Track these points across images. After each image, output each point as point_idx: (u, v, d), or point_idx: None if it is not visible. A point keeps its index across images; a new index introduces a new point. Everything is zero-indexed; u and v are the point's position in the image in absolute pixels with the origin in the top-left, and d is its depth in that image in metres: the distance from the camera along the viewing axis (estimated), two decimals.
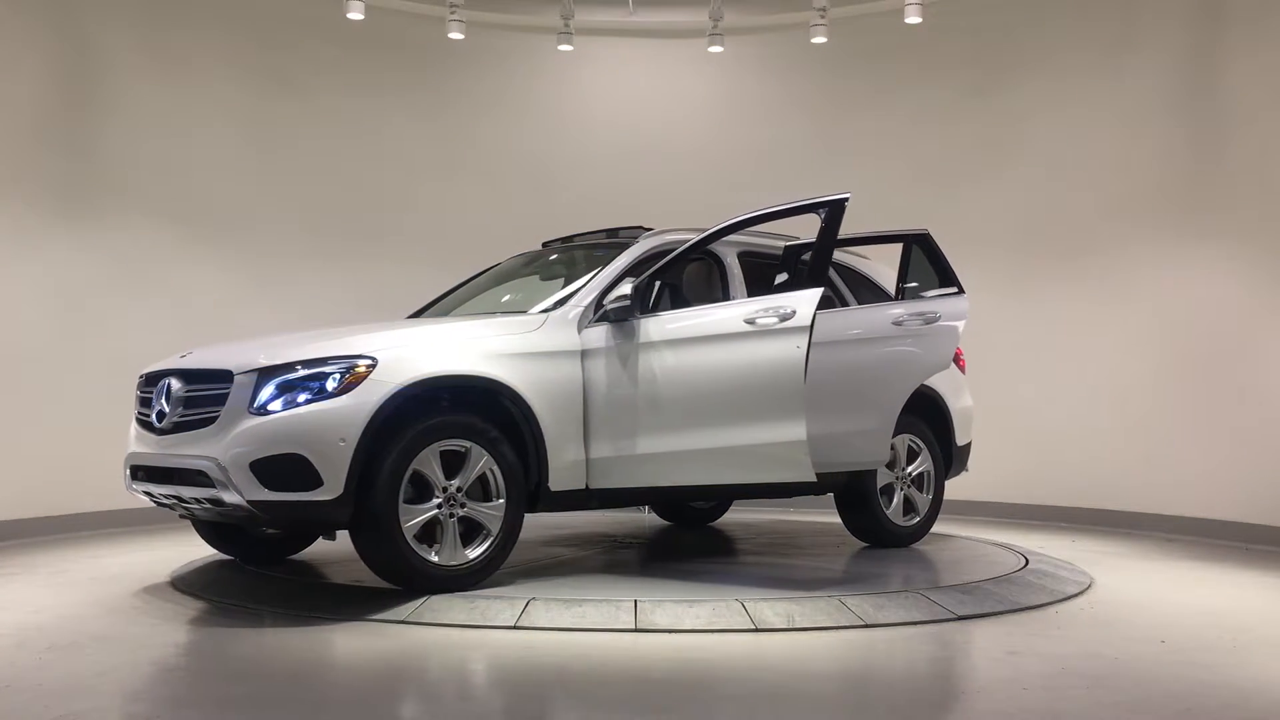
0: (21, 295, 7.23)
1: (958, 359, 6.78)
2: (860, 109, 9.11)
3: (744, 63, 9.35)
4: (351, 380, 4.55)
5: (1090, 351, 8.14)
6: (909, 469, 6.45)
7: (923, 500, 6.53)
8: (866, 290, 6.49)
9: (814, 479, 4.91)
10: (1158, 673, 3.89)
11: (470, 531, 4.86)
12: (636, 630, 4.39)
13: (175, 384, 4.89)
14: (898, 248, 6.31)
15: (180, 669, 3.95)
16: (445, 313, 6.09)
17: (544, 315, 5.21)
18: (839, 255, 6.48)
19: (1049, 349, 8.28)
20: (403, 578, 4.72)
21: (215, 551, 6.02)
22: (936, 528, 6.80)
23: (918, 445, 6.48)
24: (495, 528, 4.86)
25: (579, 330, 5.17)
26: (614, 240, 5.91)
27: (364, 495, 4.54)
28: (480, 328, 5.14)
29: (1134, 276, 7.96)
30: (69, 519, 7.31)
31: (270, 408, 4.55)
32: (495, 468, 4.85)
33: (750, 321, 5.01)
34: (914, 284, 6.18)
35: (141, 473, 5.03)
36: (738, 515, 8.02)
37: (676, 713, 3.44)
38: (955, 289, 6.12)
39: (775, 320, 4.95)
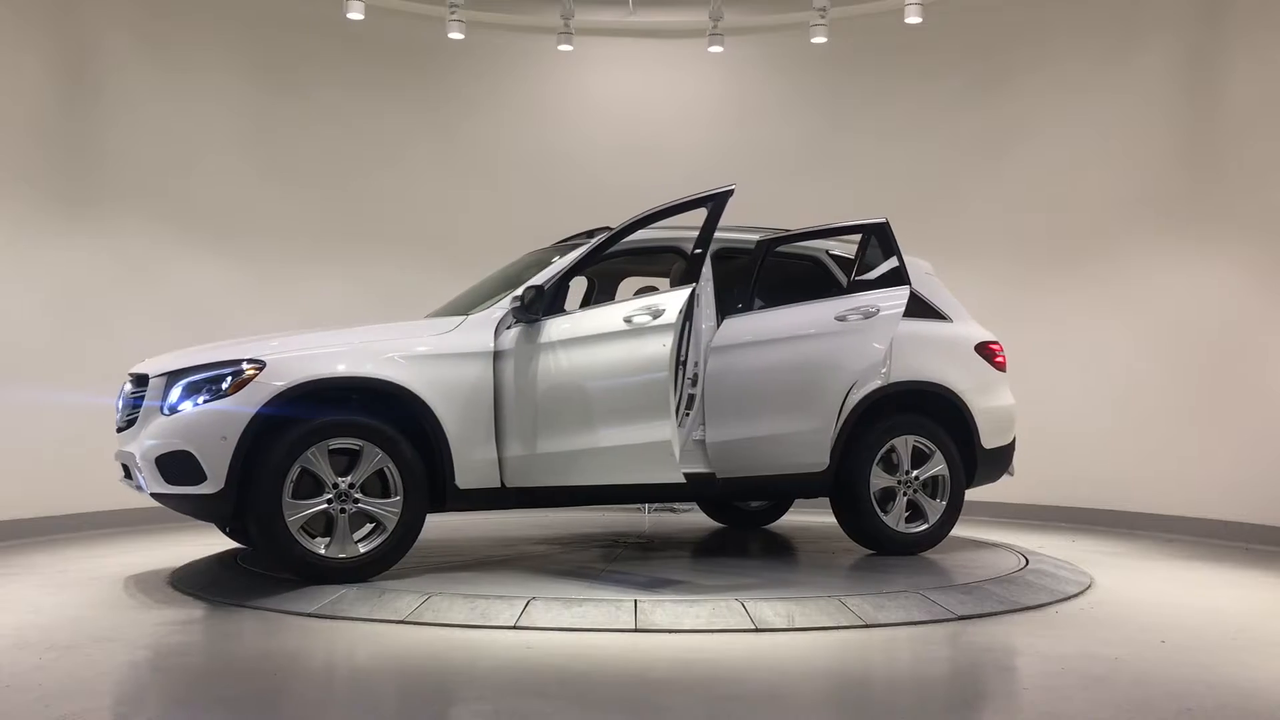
0: (21, 295, 7.23)
1: (994, 357, 6.42)
2: (860, 109, 9.11)
3: (744, 63, 9.35)
4: (240, 383, 4.88)
5: (1090, 351, 8.14)
6: (915, 472, 6.06)
7: (933, 506, 6.11)
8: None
9: (681, 480, 4.89)
10: (1158, 673, 3.89)
11: (378, 526, 5.08)
12: (636, 630, 4.39)
13: (127, 387, 5.36)
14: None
15: (180, 669, 3.95)
16: (456, 311, 6.12)
17: (462, 318, 5.36)
18: (843, 249, 6.38)
19: (1049, 349, 8.28)
20: (290, 567, 4.98)
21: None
22: None
23: (927, 447, 6.08)
24: (391, 523, 5.05)
25: (498, 332, 5.27)
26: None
27: (247, 490, 4.83)
28: (394, 331, 5.33)
29: (1135, 277, 7.95)
30: (69, 519, 7.31)
31: (180, 408, 4.94)
32: (392, 465, 5.02)
33: (628, 320, 5.04)
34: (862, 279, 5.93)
35: (122, 469, 5.38)
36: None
37: (676, 713, 3.45)
38: (902, 282, 5.85)
39: (649, 319, 4.98)
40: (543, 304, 5.24)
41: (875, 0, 8.91)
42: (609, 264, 6.50)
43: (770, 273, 6.43)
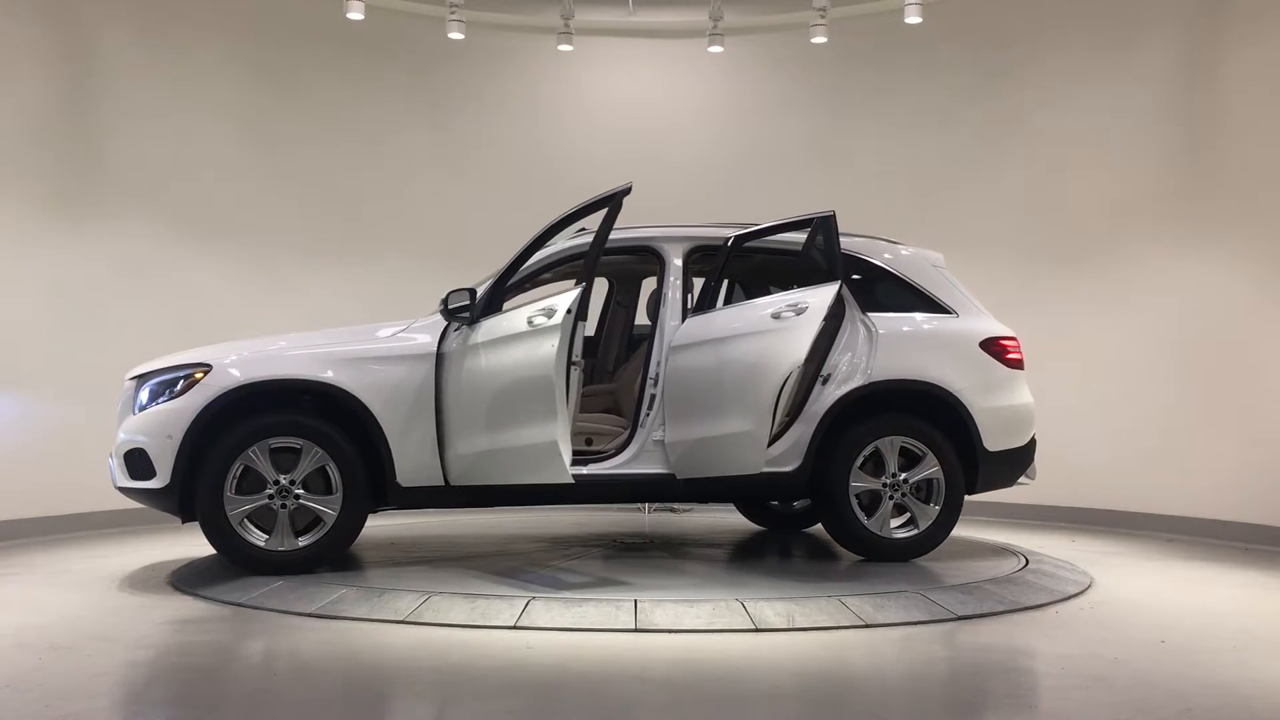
0: (21, 294, 7.22)
1: (1004, 354, 6.01)
2: (860, 109, 9.11)
3: (744, 63, 9.35)
4: (189, 385, 5.24)
5: (1090, 352, 8.13)
6: (903, 475, 5.77)
7: (925, 511, 5.80)
8: (888, 288, 6.03)
9: (569, 480, 4.99)
10: (1158, 673, 3.89)
11: (316, 520, 5.30)
12: (636, 630, 4.39)
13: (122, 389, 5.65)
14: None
15: (180, 669, 3.95)
16: None
17: (411, 320, 5.51)
18: (846, 248, 6.00)
19: (1049, 349, 8.26)
20: (232, 558, 5.28)
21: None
22: None
23: (918, 449, 5.79)
24: (329, 519, 5.25)
25: (445, 334, 5.37)
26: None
27: (192, 485, 5.17)
28: (347, 335, 5.55)
29: (1134, 276, 7.95)
30: (69, 519, 7.31)
31: (148, 408, 5.32)
32: (332, 464, 5.24)
33: (530, 321, 5.12)
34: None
35: None
36: (737, 517, 8.00)
37: (676, 713, 3.45)
38: (834, 276, 5.47)
39: (545, 320, 5.07)
40: (475, 308, 5.31)
41: (875, 0, 8.91)
42: (622, 265, 6.51)
43: (761, 270, 6.39)
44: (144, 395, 5.36)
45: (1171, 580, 5.91)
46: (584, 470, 5.54)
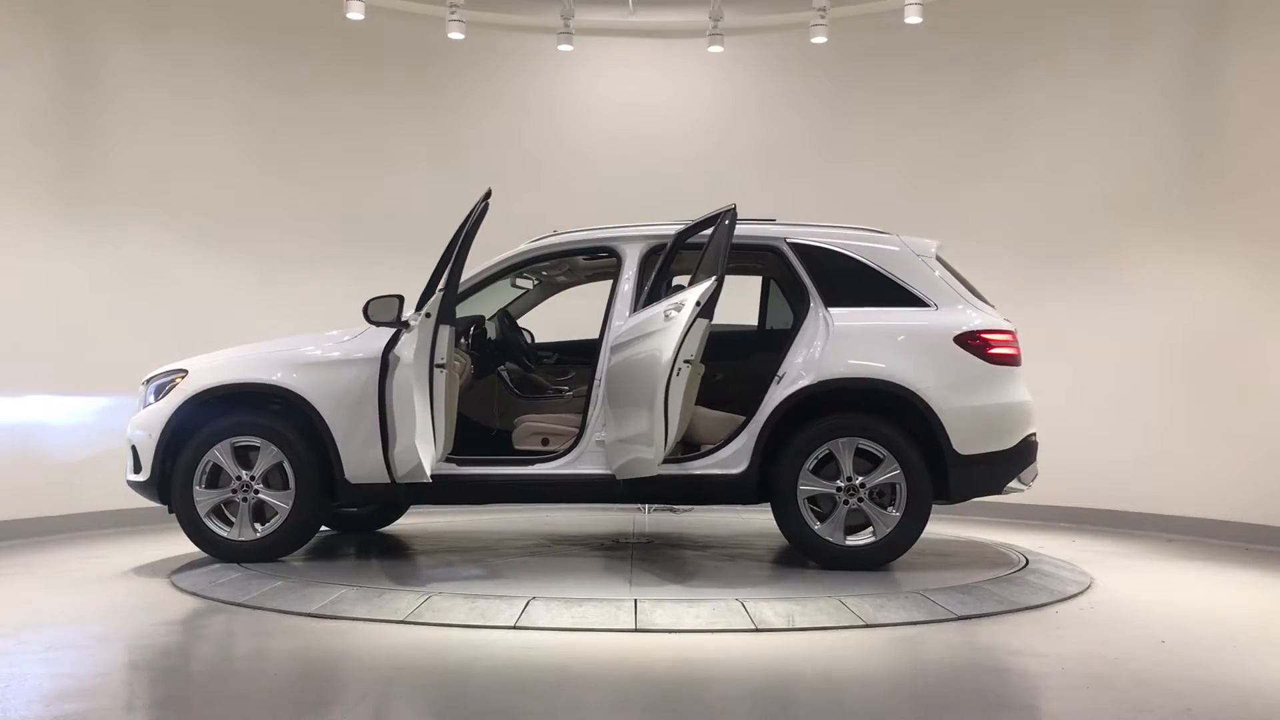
0: (21, 295, 7.22)
1: (985, 349, 5.57)
2: (860, 109, 9.10)
3: (744, 63, 9.34)
4: (170, 388, 5.75)
5: (1090, 352, 8.13)
6: (859, 479, 5.42)
7: (885, 517, 5.44)
8: (858, 281, 5.75)
9: (426, 479, 5.30)
10: (1158, 673, 3.89)
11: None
12: (636, 630, 4.39)
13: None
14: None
15: (180, 669, 3.95)
16: None
17: (368, 325, 5.65)
18: (804, 237, 5.90)
19: (1048, 349, 8.24)
20: (199, 545, 5.72)
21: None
22: (935, 528, 6.09)
23: (877, 451, 5.44)
24: (284, 513, 5.63)
25: (398, 336, 5.50)
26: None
27: (168, 479, 5.65)
28: (310, 340, 5.89)
29: (1134, 276, 7.95)
30: (69, 519, 7.31)
31: (148, 408, 5.81)
32: (287, 461, 5.60)
33: (408, 325, 5.45)
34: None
35: None
36: (738, 517, 8.01)
37: (676, 713, 3.45)
38: (713, 273, 5.17)
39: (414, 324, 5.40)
40: (392, 313, 5.50)
41: (875, 0, 8.91)
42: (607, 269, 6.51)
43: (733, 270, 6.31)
44: (150, 397, 5.84)
45: (1171, 580, 5.92)
46: (531, 470, 5.68)
